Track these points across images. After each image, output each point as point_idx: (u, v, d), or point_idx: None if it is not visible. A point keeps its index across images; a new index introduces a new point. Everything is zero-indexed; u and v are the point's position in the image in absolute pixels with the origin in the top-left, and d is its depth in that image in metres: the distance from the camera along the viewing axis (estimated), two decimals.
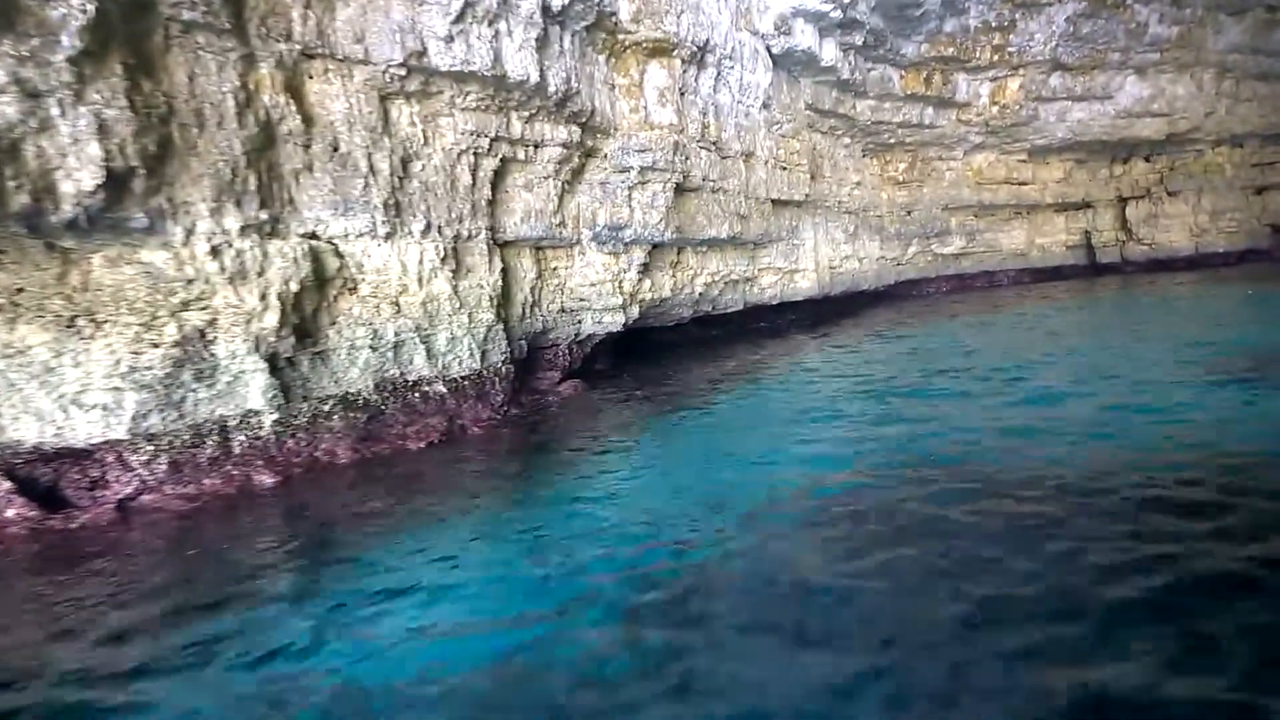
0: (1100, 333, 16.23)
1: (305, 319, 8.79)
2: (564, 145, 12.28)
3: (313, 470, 8.60)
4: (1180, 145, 33.42)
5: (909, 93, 25.97)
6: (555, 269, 13.57)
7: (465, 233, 10.88)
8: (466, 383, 10.74)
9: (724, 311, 20.17)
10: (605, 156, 13.50)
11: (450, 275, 10.44)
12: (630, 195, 13.86)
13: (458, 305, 10.53)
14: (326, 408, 8.91)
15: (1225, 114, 32.29)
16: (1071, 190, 34.95)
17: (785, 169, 20.54)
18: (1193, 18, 28.84)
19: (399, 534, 6.46)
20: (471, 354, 10.79)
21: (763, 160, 19.19)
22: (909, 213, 30.97)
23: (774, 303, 21.73)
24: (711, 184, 16.12)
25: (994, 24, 25.88)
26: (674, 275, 16.49)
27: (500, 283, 11.60)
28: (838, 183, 25.59)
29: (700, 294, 17.80)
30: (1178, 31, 28.82)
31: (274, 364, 8.37)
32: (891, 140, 28.43)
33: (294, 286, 8.40)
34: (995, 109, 28.78)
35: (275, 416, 8.35)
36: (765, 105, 19.65)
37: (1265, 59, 31.30)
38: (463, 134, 10.60)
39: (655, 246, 15.74)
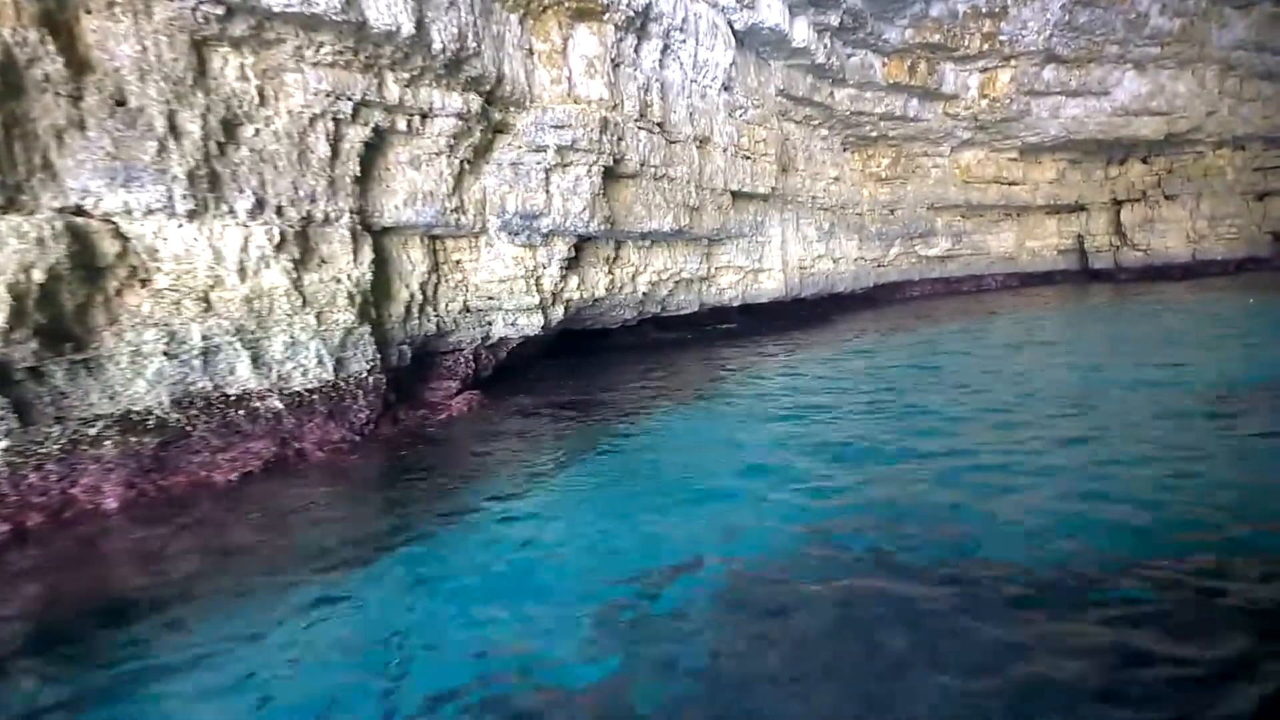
0: (1092, 354, 14.30)
1: (64, 318, 6.80)
2: (459, 116, 10.29)
3: (64, 515, 6.61)
4: (1179, 146, 31.53)
5: (892, 82, 23.99)
6: (458, 262, 11.60)
7: (319, 215, 8.88)
8: (315, 397, 8.75)
9: (677, 313, 18.21)
10: (517, 133, 11.51)
11: (290, 266, 8.45)
12: (548, 179, 11.88)
13: (300, 303, 8.54)
14: (94, 431, 6.91)
15: (1227, 114, 30.40)
16: (1064, 191, 33.06)
17: (749, 158, 18.56)
18: (1196, 10, 26.92)
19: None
20: (321, 362, 8.80)
21: (721, 147, 17.21)
22: (892, 211, 29.02)
23: (735, 304, 19.75)
24: (654, 170, 14.14)
25: (984, 10, 23.92)
26: (611, 272, 14.52)
27: (370, 276, 9.60)
28: (812, 176, 23.62)
29: (645, 294, 15.83)
30: (1180, 25, 26.87)
31: (3, 376, 6.38)
32: (873, 133, 26.47)
33: (38, 275, 6.41)
34: (984, 102, 26.84)
35: (2, 444, 6.36)
36: (726, 87, 17.67)
37: (1271, 57, 29.41)
38: (316, 94, 8.61)
39: (586, 240, 13.79)
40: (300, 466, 8.26)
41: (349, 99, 8.90)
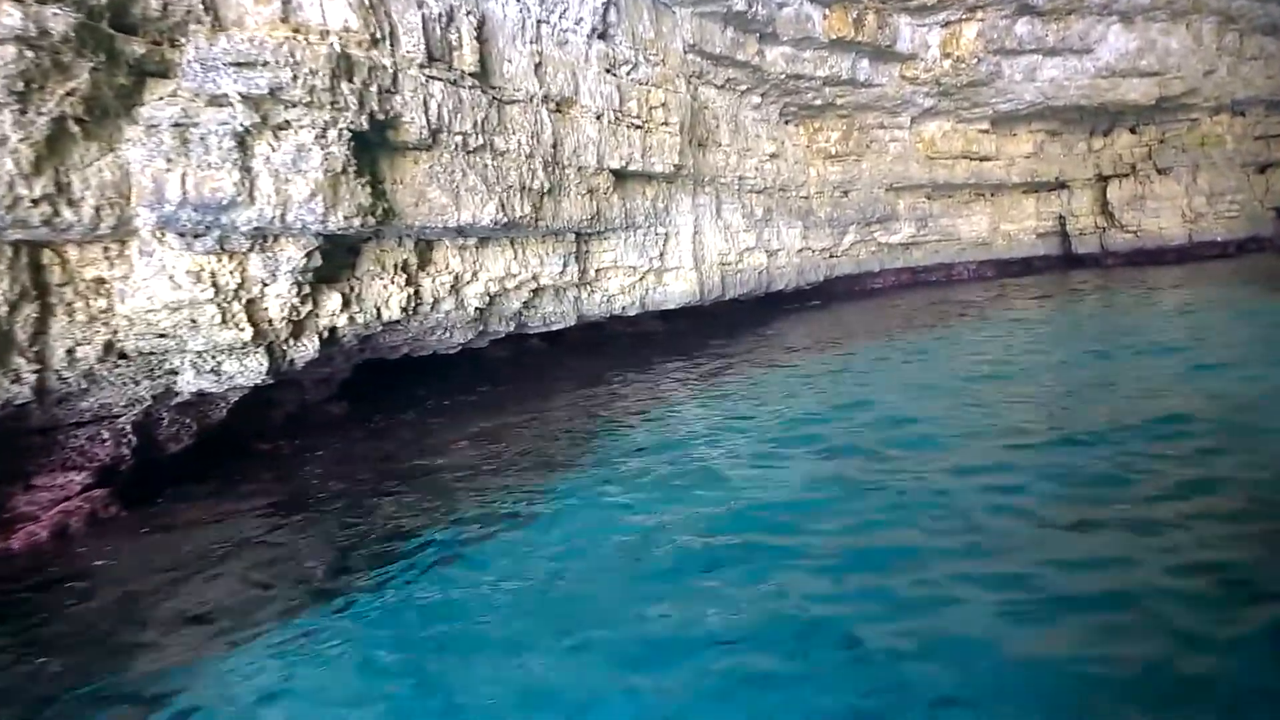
0: (1074, 379, 10.20)
1: None
2: (27, 42, 6.03)
3: None
4: (1172, 113, 27.46)
5: (835, 38, 19.71)
6: (97, 281, 7.32)
7: None
8: None
9: (546, 329, 13.97)
10: (179, 75, 7.23)
11: None
12: (245, 149, 7.61)
13: None
14: None
15: (1227, 74, 26.35)
16: (1043, 167, 28.95)
17: (641, 128, 14.31)
18: None
19: None
20: None
21: (593, 113, 12.96)
22: (845, 194, 24.81)
23: (631, 313, 15.53)
24: (462, 139, 9.89)
25: None
26: (413, 284, 10.27)
27: None
28: (740, 153, 19.39)
29: (481, 309, 11.59)
30: None
31: None
32: (818, 101, 22.22)
33: None
34: (947, 63, 22.63)
35: None
36: (600, 34, 13.44)
37: (1277, 8, 25.29)
38: None
39: (364, 240, 9.55)
40: None
41: None
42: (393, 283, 9.84)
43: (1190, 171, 27.89)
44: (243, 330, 7.97)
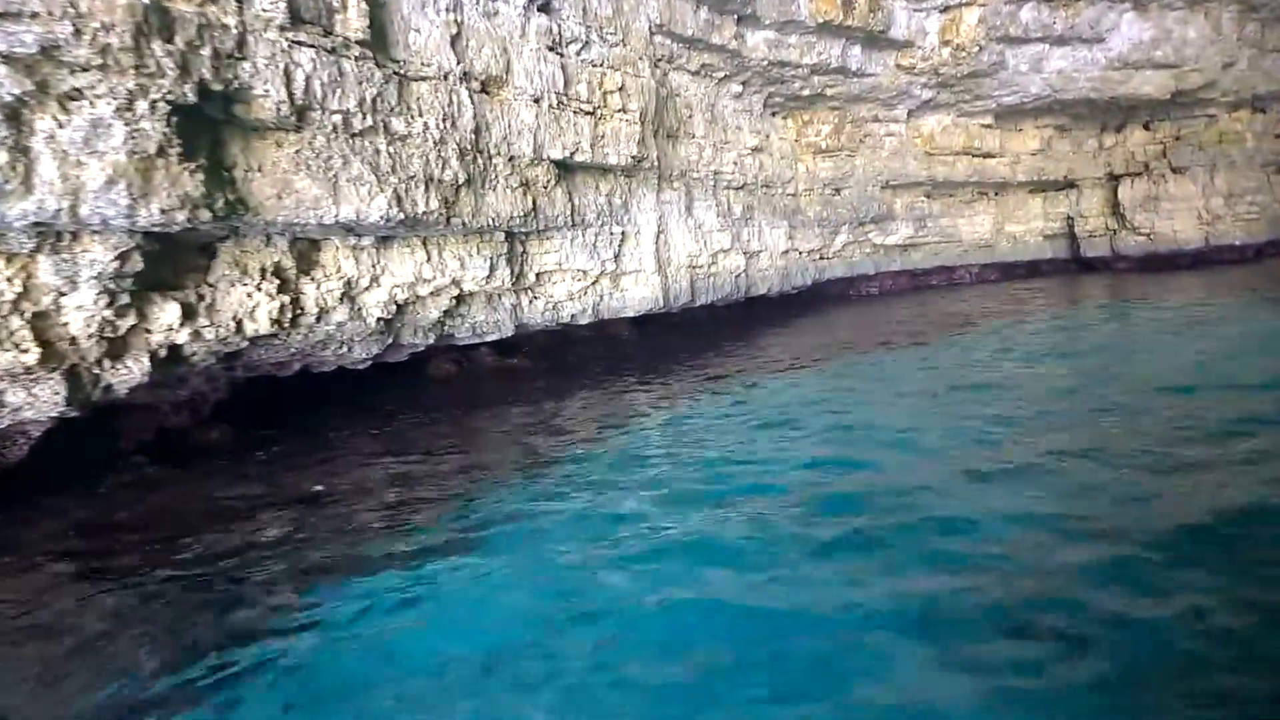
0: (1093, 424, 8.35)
1: None
2: None
3: None
4: (1189, 108, 25.52)
5: (822, 21, 17.87)
6: None
7: None
8: None
9: (480, 340, 12.28)
10: None
11: None
12: (19, 124, 5.93)
13: None
14: None
15: (1248, 67, 24.40)
16: (1050, 165, 27.04)
17: (592, 114, 12.59)
18: None
19: None
20: None
21: (529, 96, 11.23)
22: (837, 191, 22.94)
23: (583, 320, 13.80)
24: (343, 119, 8.18)
25: None
26: (289, 292, 8.57)
27: None
28: (717, 146, 17.61)
29: (387, 319, 9.89)
30: None
31: None
32: (805, 91, 20.37)
33: None
34: (946, 51, 20.78)
35: None
36: (541, 6, 11.71)
37: None
38: None
39: (224, 238, 7.85)
40: None
41: None
42: (259, 290, 8.13)
43: (1207, 171, 25.96)
44: (25, 351, 6.28)
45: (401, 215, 8.76)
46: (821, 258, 23.21)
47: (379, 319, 9.69)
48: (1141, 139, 26.68)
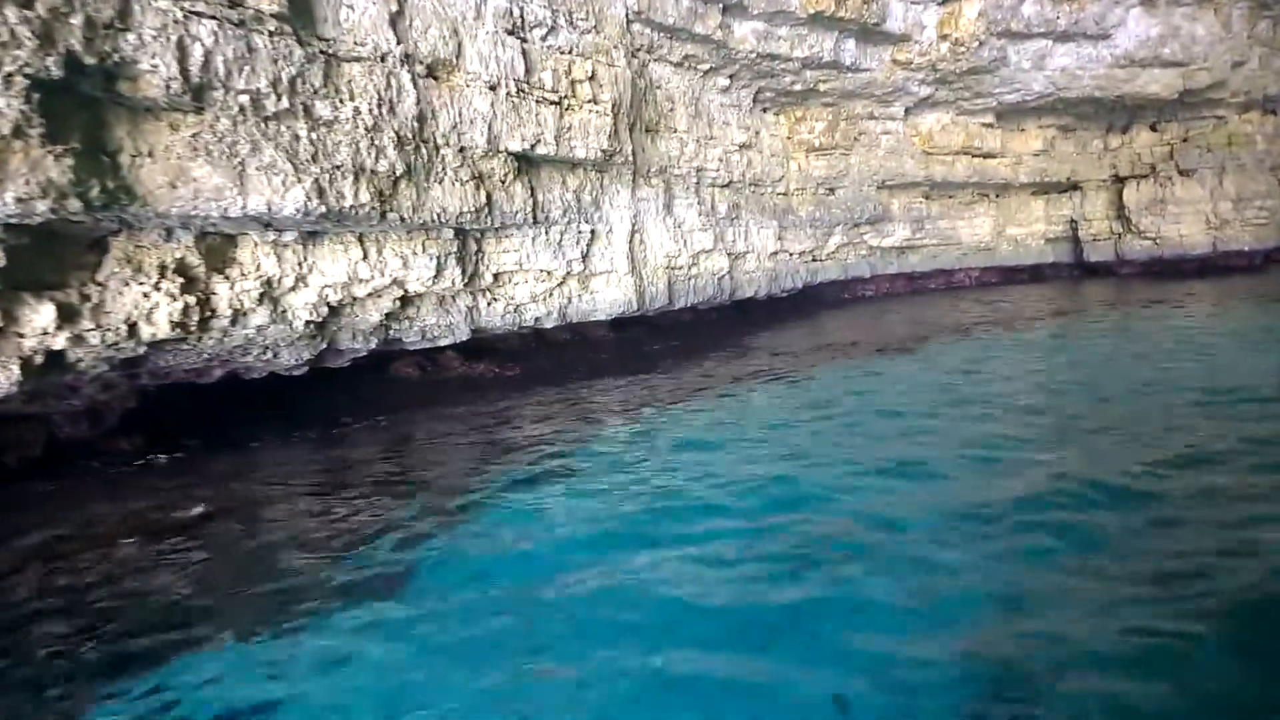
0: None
1: None
2: None
3: None
4: (1197, 108, 24.48)
5: (814, 12, 16.91)
6: None
7: None
8: None
9: (431, 345, 11.39)
10: None
11: None
12: None
13: None
14: None
15: (1258, 66, 23.37)
16: (1053, 166, 26.04)
17: (557, 104, 11.69)
18: None
19: None
20: None
21: (483, 82, 10.34)
22: (831, 191, 22.01)
23: (549, 324, 12.92)
24: (252, 100, 7.29)
25: None
26: (196, 292, 7.70)
27: None
28: (700, 141, 16.70)
29: (318, 322, 9.00)
30: None
31: None
32: (798, 87, 19.42)
33: None
34: (945, 46, 19.80)
35: None
36: None
37: None
38: None
39: (116, 232, 6.96)
40: None
41: None
42: (157, 290, 7.26)
43: (1216, 174, 24.90)
44: None
45: (324, 208, 7.87)
46: (814, 259, 22.28)
47: (308, 322, 8.80)
48: (1148, 140, 25.65)
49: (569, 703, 3.59)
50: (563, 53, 12.00)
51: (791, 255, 20.77)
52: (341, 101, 8.24)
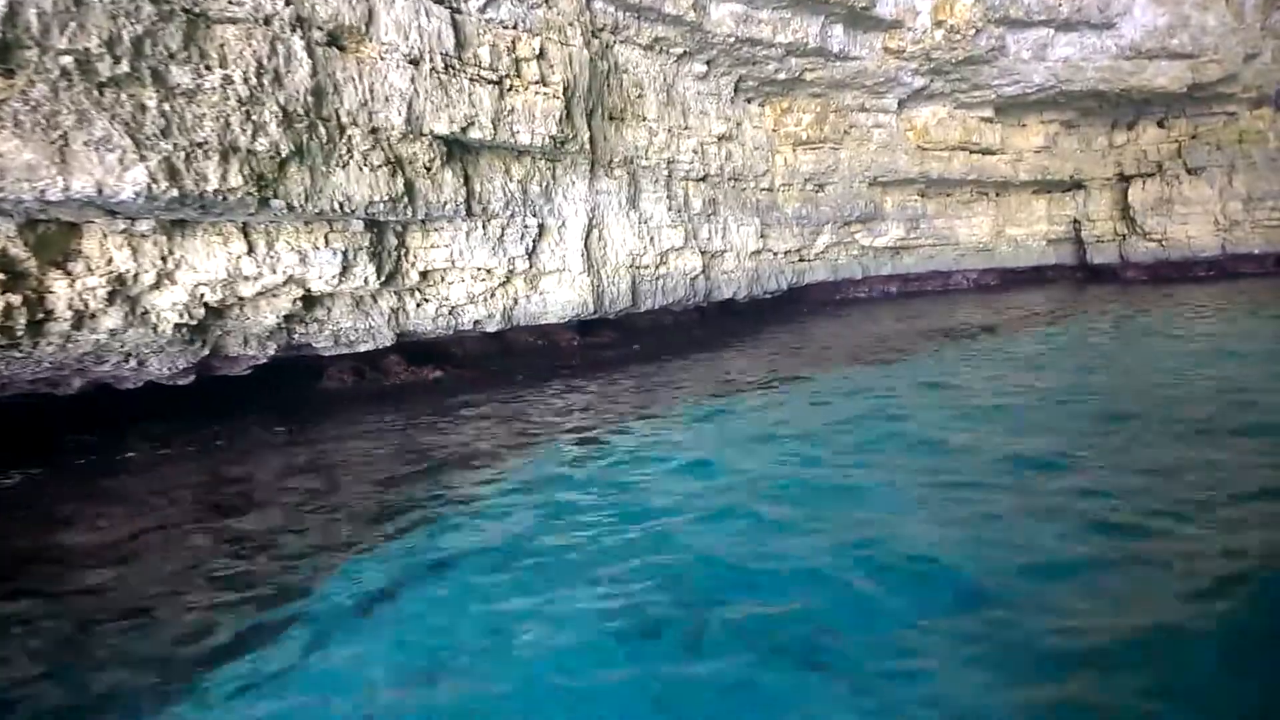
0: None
1: None
2: None
3: None
4: (1206, 103, 23.05)
5: None
6: None
7: None
8: None
9: (350, 350, 10.08)
10: None
11: None
12: None
13: None
14: None
15: (1272, 60, 22.01)
16: (1055, 164, 24.62)
17: (496, 83, 10.39)
18: None
19: None
20: None
21: (401, 55, 9.03)
22: (819, 187, 20.66)
23: (491, 328, 11.62)
24: (76, 61, 6.00)
25: None
26: (25, 290, 6.40)
27: None
28: (674, 131, 15.38)
29: (192, 326, 7.71)
30: None
31: None
32: (782, 75, 18.06)
33: None
34: (940, 34, 18.42)
35: None
36: None
37: None
38: None
39: None
40: None
41: None
42: None
43: (1225, 172, 23.45)
44: None
45: (177, 192, 6.57)
46: (801, 259, 20.93)
47: (180, 326, 7.49)
48: (1154, 137, 24.19)
49: None
50: (505, 27, 10.70)
51: (776, 255, 19.44)
52: (208, 68, 6.93)
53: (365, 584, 4.54)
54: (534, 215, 11.49)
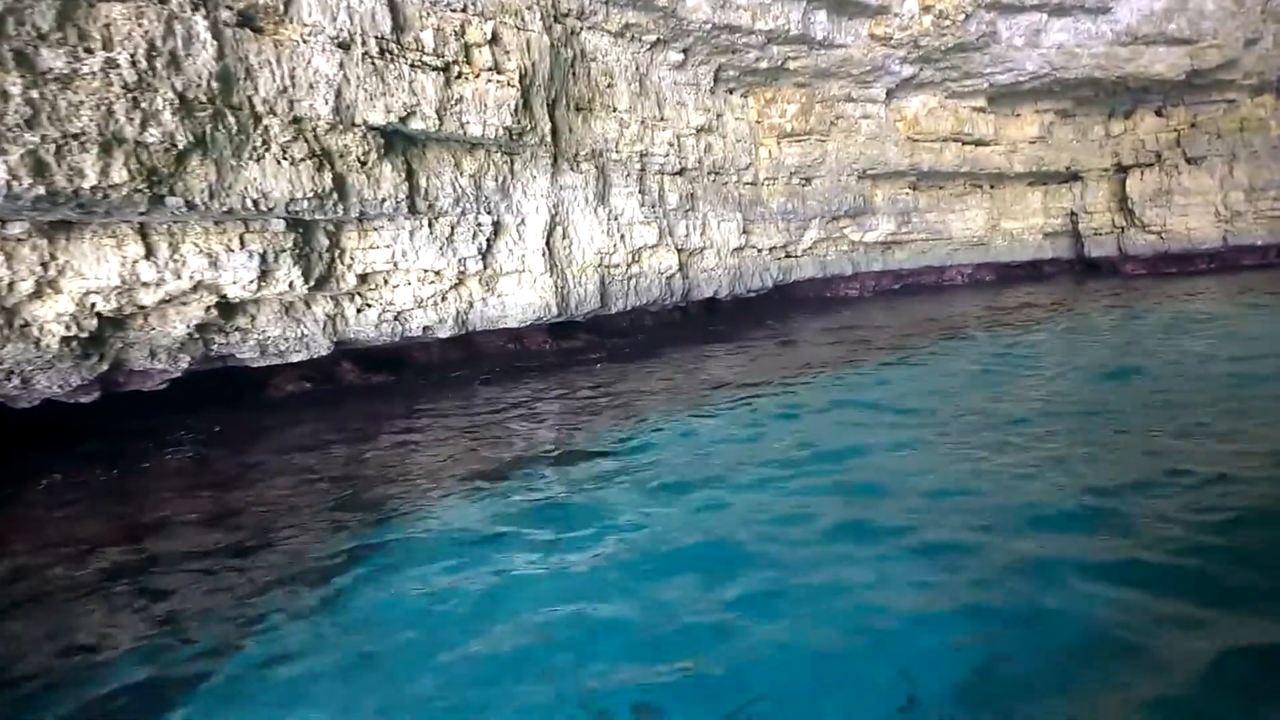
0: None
1: None
2: None
3: None
4: (1206, 91, 22.15)
5: None
6: None
7: None
8: None
9: (281, 360, 9.25)
10: None
11: None
12: None
13: None
14: None
15: (1273, 45, 21.04)
16: (1051, 154, 23.74)
17: (442, 70, 9.54)
18: None
19: None
20: None
21: (326, 37, 8.18)
22: (806, 181, 19.80)
23: (444, 333, 10.78)
24: None
25: None
26: None
27: None
28: (648, 123, 14.53)
29: (84, 339, 6.88)
30: None
31: None
32: (764, 64, 17.18)
33: None
34: (928, 20, 17.54)
35: None
36: None
37: None
38: None
39: None
40: None
41: None
42: None
43: (1226, 162, 22.56)
44: None
45: (44, 189, 5.74)
46: (787, 256, 20.08)
47: (68, 339, 6.66)
48: (1153, 126, 23.29)
49: None
50: (452, 10, 9.84)
51: (760, 251, 18.58)
52: (88, 50, 6.09)
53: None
54: (488, 212, 10.65)
